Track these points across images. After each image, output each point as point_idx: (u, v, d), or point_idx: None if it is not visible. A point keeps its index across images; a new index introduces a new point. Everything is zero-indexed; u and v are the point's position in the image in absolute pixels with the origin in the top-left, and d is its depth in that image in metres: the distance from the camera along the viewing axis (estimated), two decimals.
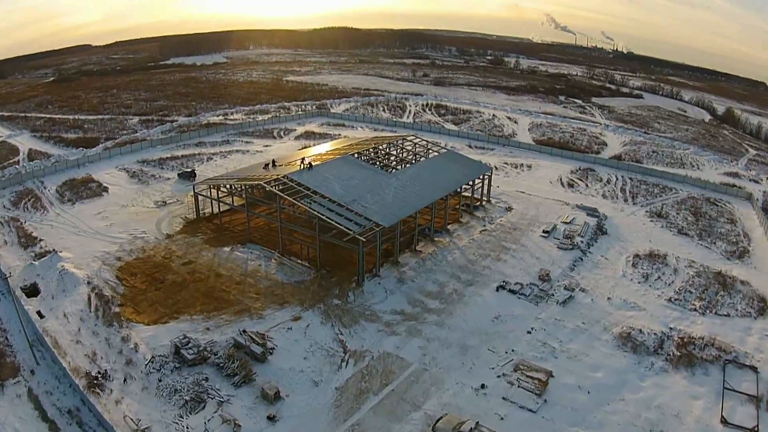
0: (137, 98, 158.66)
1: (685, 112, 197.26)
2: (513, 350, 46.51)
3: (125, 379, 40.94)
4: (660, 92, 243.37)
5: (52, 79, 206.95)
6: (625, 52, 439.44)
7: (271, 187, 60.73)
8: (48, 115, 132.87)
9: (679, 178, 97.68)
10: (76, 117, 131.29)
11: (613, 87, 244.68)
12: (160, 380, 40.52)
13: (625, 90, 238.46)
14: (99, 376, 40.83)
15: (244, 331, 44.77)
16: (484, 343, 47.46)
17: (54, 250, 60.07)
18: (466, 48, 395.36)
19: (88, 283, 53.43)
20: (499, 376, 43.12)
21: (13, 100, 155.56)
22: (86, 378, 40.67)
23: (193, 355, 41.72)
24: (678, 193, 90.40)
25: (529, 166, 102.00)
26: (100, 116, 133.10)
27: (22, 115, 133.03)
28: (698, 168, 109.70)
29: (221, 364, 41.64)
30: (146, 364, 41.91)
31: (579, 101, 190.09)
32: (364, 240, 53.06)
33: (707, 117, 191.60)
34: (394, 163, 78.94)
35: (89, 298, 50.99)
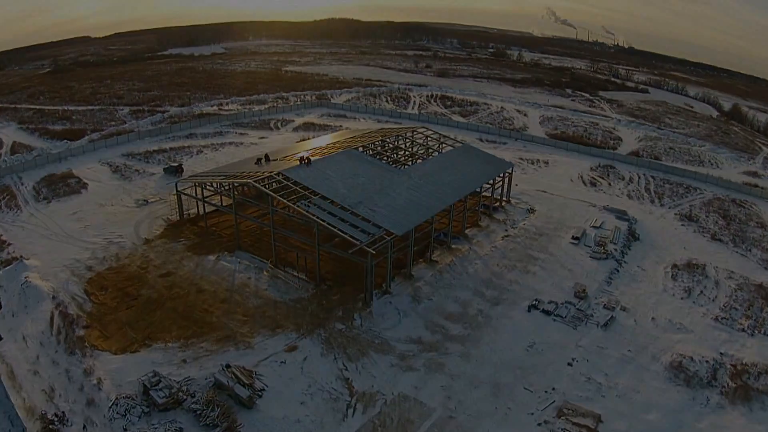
0: (130, 88, 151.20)
1: (692, 107, 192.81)
2: (554, 388, 39.22)
3: (84, 426, 33.72)
4: (665, 87, 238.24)
5: (47, 70, 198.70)
6: (626, 47, 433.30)
7: (262, 185, 52.97)
8: (37, 106, 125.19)
9: (701, 177, 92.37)
10: (65, 108, 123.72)
11: (618, 81, 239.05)
12: (125, 429, 33.13)
13: (630, 84, 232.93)
14: (55, 419, 33.96)
15: (228, 366, 37.05)
16: (519, 379, 40.00)
17: (21, 257, 53.07)
18: (467, 41, 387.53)
19: (53, 298, 46.26)
20: (540, 424, 35.81)
21: (6, 91, 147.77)
22: (41, 421, 33.79)
23: (165, 398, 34.07)
24: (703, 194, 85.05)
25: (546, 162, 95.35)
26: (90, 107, 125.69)
27: (12, 106, 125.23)
28: (717, 166, 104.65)
29: (198, 411, 33.99)
30: (110, 407, 34.52)
31: (587, 95, 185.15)
32: (374, 252, 44.96)
33: (714, 113, 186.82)
34: (404, 158, 71.11)
35: (52, 317, 43.71)
